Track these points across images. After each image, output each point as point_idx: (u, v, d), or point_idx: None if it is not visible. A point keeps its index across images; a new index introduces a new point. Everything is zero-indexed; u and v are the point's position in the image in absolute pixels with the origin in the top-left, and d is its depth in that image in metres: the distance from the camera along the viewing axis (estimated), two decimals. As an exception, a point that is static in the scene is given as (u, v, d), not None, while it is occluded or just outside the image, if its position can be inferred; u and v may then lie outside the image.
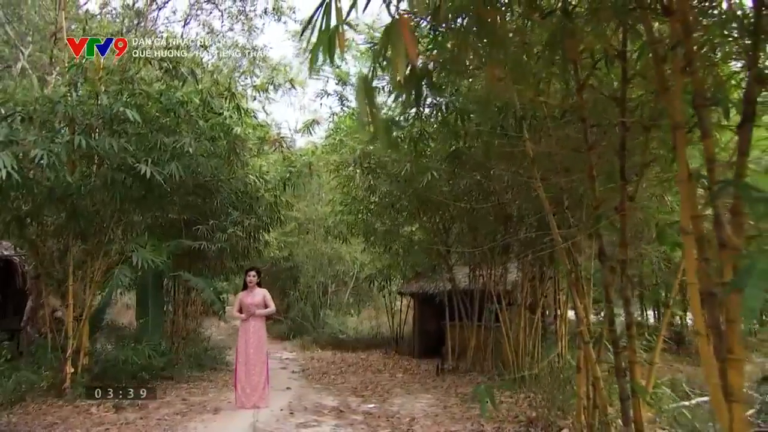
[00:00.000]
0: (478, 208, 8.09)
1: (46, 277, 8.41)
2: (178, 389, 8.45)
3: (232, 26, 14.38)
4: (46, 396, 7.29)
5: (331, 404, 7.56)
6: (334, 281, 17.71)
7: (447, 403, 7.50)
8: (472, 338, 10.56)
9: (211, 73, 9.15)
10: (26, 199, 7.38)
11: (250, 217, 10.76)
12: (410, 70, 3.12)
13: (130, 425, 6.20)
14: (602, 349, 4.55)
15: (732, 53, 3.23)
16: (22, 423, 6.16)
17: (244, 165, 10.04)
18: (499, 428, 5.99)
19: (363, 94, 2.33)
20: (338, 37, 2.47)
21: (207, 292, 9.93)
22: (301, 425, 6.38)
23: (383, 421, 6.56)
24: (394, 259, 12.17)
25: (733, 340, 2.51)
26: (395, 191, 9.15)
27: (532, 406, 6.54)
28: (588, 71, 4.10)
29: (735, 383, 2.49)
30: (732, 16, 2.95)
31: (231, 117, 9.14)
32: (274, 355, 13.43)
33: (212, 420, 6.55)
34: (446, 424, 6.34)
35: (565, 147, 4.76)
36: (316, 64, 2.55)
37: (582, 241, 4.82)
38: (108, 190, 7.51)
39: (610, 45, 4.02)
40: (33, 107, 7.12)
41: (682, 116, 2.89)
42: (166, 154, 7.75)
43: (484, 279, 10.23)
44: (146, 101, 7.95)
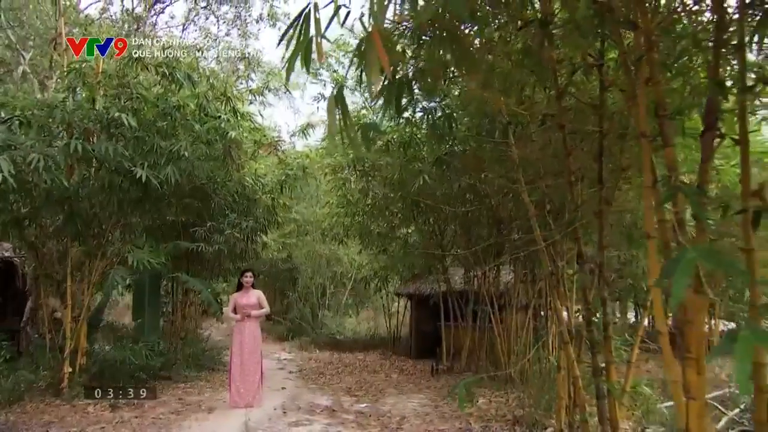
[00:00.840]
0: (469, 211, 8.22)
1: (46, 278, 8.56)
2: (174, 389, 8.57)
3: (228, 32, 14.55)
4: (44, 395, 7.43)
5: (325, 404, 7.68)
6: (333, 283, 17.82)
7: (438, 403, 7.62)
8: (466, 339, 10.70)
9: (207, 77, 9.25)
10: (25, 201, 7.52)
11: (248, 220, 10.88)
12: (390, 80, 3.26)
13: (125, 424, 6.33)
14: (583, 350, 4.67)
15: (693, 66, 3.34)
16: (20, 422, 6.30)
17: (240, 168, 10.17)
18: (487, 427, 6.12)
19: (334, 103, 2.45)
20: (317, 47, 2.61)
21: (204, 293, 10.06)
22: (293, 424, 6.51)
23: (374, 420, 6.69)
24: (390, 261, 12.30)
25: (690, 340, 2.63)
26: (389, 194, 9.29)
27: (520, 406, 6.66)
28: (566, 80, 4.23)
29: (692, 381, 2.61)
30: (693, 31, 3.07)
31: (229, 121, 9.28)
32: (272, 356, 13.58)
33: (206, 419, 6.69)
34: (436, 423, 6.47)
35: (547, 152, 4.88)
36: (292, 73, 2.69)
37: (564, 243, 4.94)
38: (105, 193, 7.67)
39: (588, 55, 4.16)
40: (31, 112, 7.28)
41: (647, 125, 3.01)
42: (162, 157, 7.88)
43: (478, 280, 10.36)
44: (143, 105, 8.09)
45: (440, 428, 6.22)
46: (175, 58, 8.35)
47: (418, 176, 7.50)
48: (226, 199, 10.37)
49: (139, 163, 7.41)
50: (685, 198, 2.38)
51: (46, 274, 8.51)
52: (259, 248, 12.61)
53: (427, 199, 8.13)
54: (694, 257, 1.75)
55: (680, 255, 1.79)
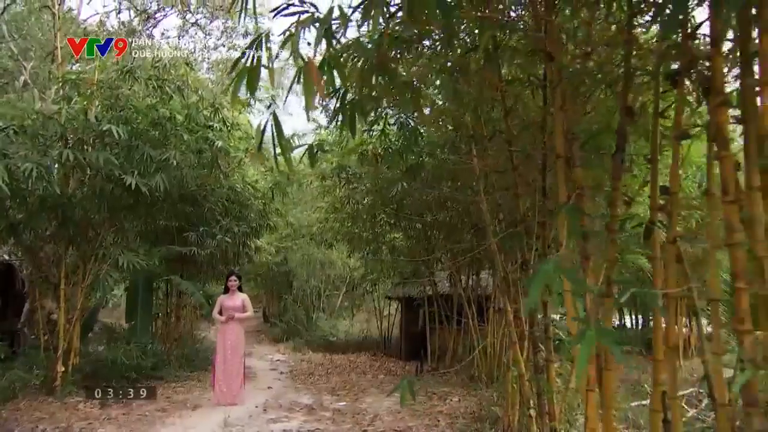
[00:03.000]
0: (450, 217, 8.56)
1: (43, 281, 8.93)
2: (165, 388, 8.90)
3: (216, 46, 14.97)
4: (38, 394, 7.79)
5: (306, 402, 8.01)
6: (327, 286, 18.17)
7: (414, 402, 7.92)
8: (450, 341, 11.02)
9: (196, 89, 9.63)
10: (20, 208, 7.87)
11: (240, 224, 11.23)
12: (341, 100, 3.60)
13: (112, 420, 6.69)
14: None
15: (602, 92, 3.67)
16: (12, 418, 6.65)
17: (227, 176, 10.54)
18: (452, 423, 6.44)
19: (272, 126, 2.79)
20: (270, 73, 2.94)
21: (196, 295, 10.44)
22: (271, 421, 6.85)
23: (349, 417, 7.02)
24: (378, 265, 12.62)
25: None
26: (370, 201, 9.64)
27: (485, 403, 6.98)
28: (512, 100, 4.56)
29: (593, 375, 2.93)
30: (601, 64, 3.40)
31: (220, 130, 9.64)
32: (266, 357, 13.93)
33: (189, 416, 7.03)
34: (406, 420, 6.79)
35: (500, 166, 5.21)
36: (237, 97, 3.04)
37: (515, 251, 5.26)
38: (97, 200, 8.04)
39: (533, 76, 4.49)
40: (27, 122, 7.66)
41: (561, 147, 3.34)
42: (152, 165, 8.24)
43: (462, 284, 10.68)
44: (135, 115, 8.44)
45: (409, 425, 6.54)
46: (165, 70, 8.71)
47: (395, 184, 7.84)
48: (217, 204, 10.73)
49: (129, 171, 7.76)
50: (569, 216, 2.69)
51: (42, 276, 8.89)
52: (252, 252, 12.97)
53: (406, 206, 8.47)
54: (549, 270, 2.08)
55: (540, 268, 2.12)
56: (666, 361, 2.76)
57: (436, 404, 7.60)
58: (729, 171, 2.14)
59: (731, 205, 2.13)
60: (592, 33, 3.59)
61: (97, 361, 9.04)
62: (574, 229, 2.63)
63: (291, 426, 6.63)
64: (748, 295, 2.11)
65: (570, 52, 3.57)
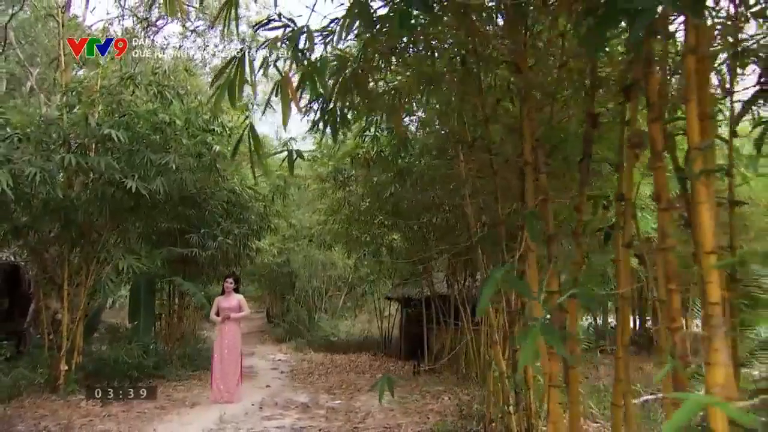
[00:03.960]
0: (438, 220, 8.74)
1: (48, 282, 9.16)
2: (165, 386, 9.10)
3: (215, 52, 15.25)
4: (41, 392, 8.02)
5: (301, 401, 8.19)
6: (329, 286, 18.36)
7: (407, 400, 8.10)
8: (447, 340, 11.18)
9: (195, 95, 9.86)
10: (24, 211, 8.10)
11: (241, 226, 11.44)
12: (323, 111, 3.78)
13: (112, 417, 6.90)
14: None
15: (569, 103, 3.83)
16: (15, 415, 6.88)
17: (226, 179, 10.75)
18: (441, 420, 6.61)
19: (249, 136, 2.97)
20: (252, 86, 3.13)
21: (197, 296, 10.64)
22: (265, 418, 7.04)
23: (342, 415, 7.20)
24: (377, 266, 12.78)
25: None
26: (366, 203, 9.82)
27: (474, 401, 7.14)
28: (491, 107, 4.73)
29: (554, 371, 3.09)
30: (569, 75, 3.56)
31: (221, 134, 9.87)
32: (268, 357, 14.12)
33: (186, 413, 7.24)
34: (397, 417, 6.96)
35: (484, 171, 5.37)
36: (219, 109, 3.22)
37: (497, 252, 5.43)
38: (99, 203, 8.26)
39: (512, 85, 4.66)
40: (30, 128, 7.88)
41: (530, 155, 3.50)
42: (153, 169, 8.45)
43: (458, 285, 10.82)
44: (136, 121, 8.67)
45: (399, 422, 6.71)
46: (165, 76, 8.94)
47: (389, 187, 8.01)
48: (218, 207, 10.94)
49: (130, 175, 7.98)
50: (528, 221, 2.85)
51: (47, 277, 9.12)
52: (252, 253, 13.17)
53: (402, 208, 8.64)
54: (497, 278, 2.25)
55: (491, 274, 2.29)
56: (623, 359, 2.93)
57: (429, 402, 7.78)
58: (662, 181, 2.31)
59: (664, 212, 2.29)
60: (564, 45, 3.77)
61: (99, 360, 9.25)
62: (535, 234, 2.79)
63: (284, 423, 6.82)
64: (679, 296, 2.28)
65: (544, 62, 3.73)
